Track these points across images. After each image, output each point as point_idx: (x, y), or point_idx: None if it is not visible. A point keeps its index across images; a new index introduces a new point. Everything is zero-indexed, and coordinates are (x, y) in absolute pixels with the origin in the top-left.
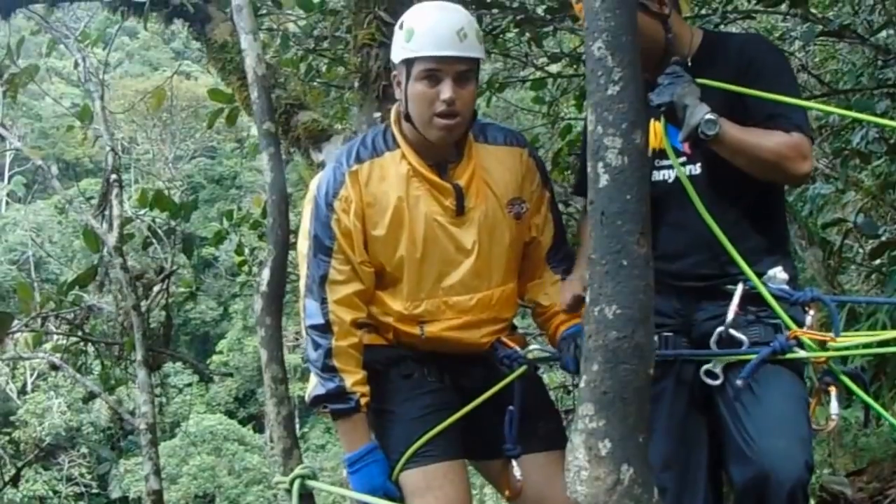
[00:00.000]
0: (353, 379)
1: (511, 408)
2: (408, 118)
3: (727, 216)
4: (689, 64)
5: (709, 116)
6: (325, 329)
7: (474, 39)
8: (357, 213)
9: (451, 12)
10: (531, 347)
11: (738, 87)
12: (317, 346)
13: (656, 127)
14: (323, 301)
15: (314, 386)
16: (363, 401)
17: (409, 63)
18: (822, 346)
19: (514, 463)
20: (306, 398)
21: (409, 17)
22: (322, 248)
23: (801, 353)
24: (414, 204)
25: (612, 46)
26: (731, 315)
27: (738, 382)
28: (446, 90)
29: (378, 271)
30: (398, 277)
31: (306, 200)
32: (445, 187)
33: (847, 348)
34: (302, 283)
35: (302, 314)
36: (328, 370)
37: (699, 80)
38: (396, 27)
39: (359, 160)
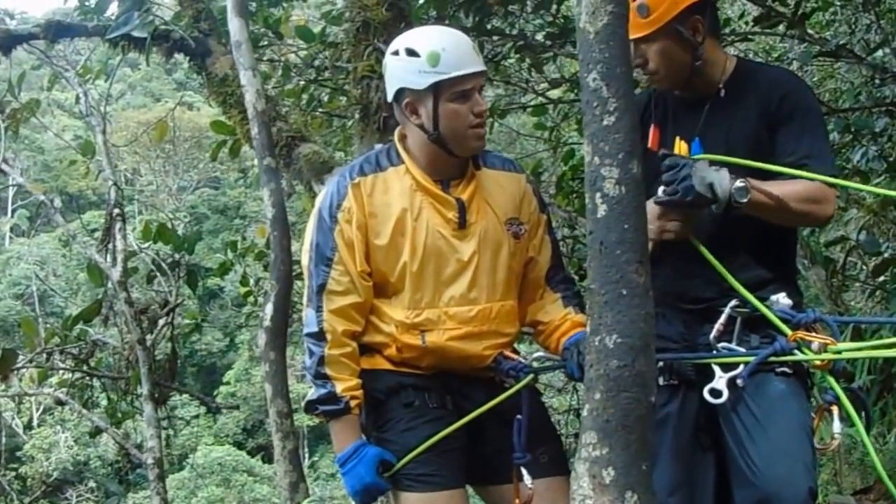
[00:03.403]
0: (343, 385)
1: (519, 417)
2: (438, 139)
3: (736, 242)
4: (722, 90)
5: (739, 184)
6: (319, 337)
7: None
8: (359, 223)
9: (455, 33)
10: (535, 355)
11: (760, 133)
12: (311, 353)
13: (681, 146)
14: (319, 309)
15: (310, 393)
16: (353, 403)
17: (437, 86)
18: (822, 350)
19: (523, 471)
20: (303, 405)
21: (420, 43)
22: (323, 258)
23: (801, 356)
24: (417, 215)
25: (607, 77)
26: (714, 332)
27: (739, 382)
28: (479, 103)
29: (380, 281)
30: (400, 287)
31: (311, 215)
32: (448, 200)
33: (846, 351)
34: (305, 296)
35: (304, 323)
36: (320, 377)
37: (701, 158)
38: (395, 56)
39: (362, 173)
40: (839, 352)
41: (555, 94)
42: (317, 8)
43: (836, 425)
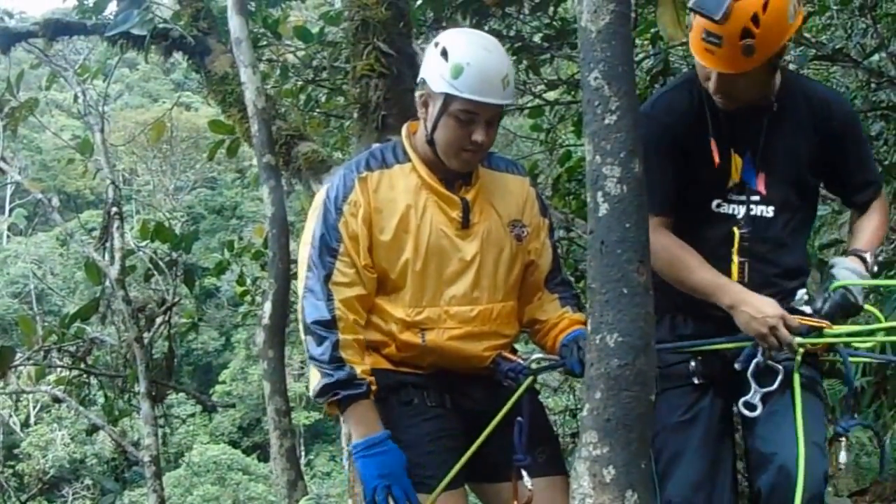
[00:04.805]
0: (361, 367)
1: (520, 419)
2: (430, 142)
3: (790, 255)
4: (775, 104)
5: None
6: (330, 325)
7: (512, 84)
8: (365, 217)
9: (498, 55)
10: (534, 356)
11: (819, 148)
12: (322, 339)
13: (736, 160)
14: (329, 298)
15: (319, 379)
16: (372, 388)
17: (448, 98)
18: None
19: (524, 473)
20: (311, 392)
21: (455, 49)
22: (328, 248)
23: (799, 339)
24: (421, 213)
25: (609, 76)
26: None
27: (736, 366)
28: (479, 133)
29: (381, 278)
30: (401, 285)
31: (311, 208)
32: (453, 199)
33: (844, 335)
34: (300, 288)
35: (300, 315)
36: (336, 361)
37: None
38: (434, 48)
39: (369, 168)
40: (837, 335)
41: (551, 95)
42: (315, 9)
43: (843, 457)
